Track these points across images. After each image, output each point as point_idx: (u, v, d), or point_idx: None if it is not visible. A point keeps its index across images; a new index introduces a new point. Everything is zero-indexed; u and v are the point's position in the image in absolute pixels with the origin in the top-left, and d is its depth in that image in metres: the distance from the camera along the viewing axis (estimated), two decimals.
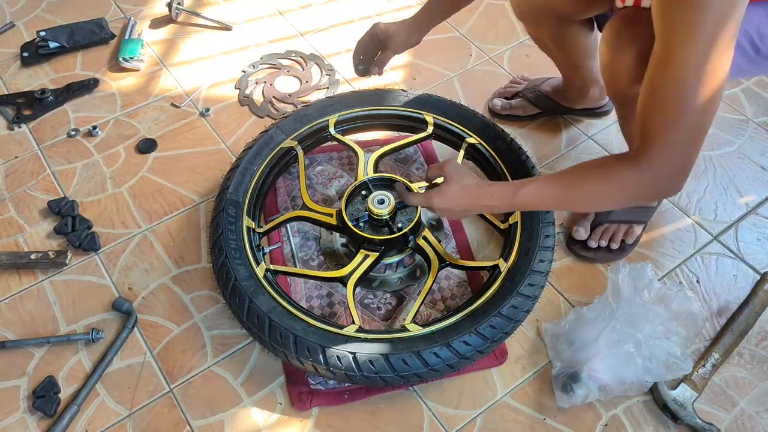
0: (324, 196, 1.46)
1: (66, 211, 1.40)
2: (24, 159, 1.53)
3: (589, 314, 1.18)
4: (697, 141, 0.97)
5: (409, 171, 1.50)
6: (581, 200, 1.07)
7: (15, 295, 1.30)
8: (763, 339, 1.25)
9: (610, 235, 1.35)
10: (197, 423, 1.15)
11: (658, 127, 0.97)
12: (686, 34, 0.92)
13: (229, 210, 1.23)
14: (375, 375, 1.05)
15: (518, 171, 1.30)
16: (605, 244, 1.35)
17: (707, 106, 0.94)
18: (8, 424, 1.14)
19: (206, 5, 1.92)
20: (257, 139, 1.36)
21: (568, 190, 1.06)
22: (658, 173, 0.99)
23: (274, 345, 1.08)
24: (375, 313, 1.27)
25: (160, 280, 1.33)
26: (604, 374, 1.12)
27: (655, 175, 0.99)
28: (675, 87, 0.94)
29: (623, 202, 1.13)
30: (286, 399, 1.17)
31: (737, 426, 1.15)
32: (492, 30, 1.82)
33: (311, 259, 1.35)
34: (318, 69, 1.74)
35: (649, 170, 0.98)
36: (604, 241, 1.35)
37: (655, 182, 1.00)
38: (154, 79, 1.72)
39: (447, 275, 1.33)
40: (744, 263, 1.36)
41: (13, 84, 1.69)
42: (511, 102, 1.60)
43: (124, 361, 1.22)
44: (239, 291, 1.13)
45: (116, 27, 1.84)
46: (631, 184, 1.01)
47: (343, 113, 1.41)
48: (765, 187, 1.49)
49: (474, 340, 1.08)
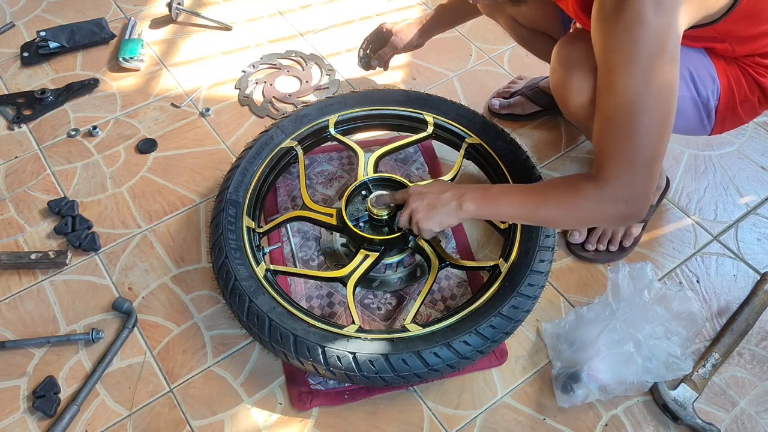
0: (324, 196, 1.46)
1: (66, 211, 1.40)
2: (24, 159, 1.53)
3: (589, 314, 1.18)
4: (652, 163, 0.97)
5: (409, 171, 1.50)
6: (546, 212, 1.06)
7: (15, 295, 1.30)
8: (763, 339, 1.25)
9: (608, 238, 1.35)
10: (197, 423, 1.15)
11: (612, 152, 0.97)
12: (624, 59, 0.93)
13: (229, 210, 1.23)
14: (375, 375, 1.05)
15: (518, 170, 1.30)
16: (603, 247, 1.35)
17: (657, 128, 0.94)
18: (8, 424, 1.14)
19: (206, 5, 1.92)
20: (257, 139, 1.36)
21: (536, 198, 1.06)
22: (616, 196, 0.99)
23: (274, 345, 1.08)
24: (375, 313, 1.27)
25: (160, 280, 1.33)
26: (604, 374, 1.12)
27: (614, 197, 0.99)
28: (621, 111, 0.95)
29: (586, 221, 1.14)
30: (286, 399, 1.17)
31: (737, 426, 1.15)
32: (492, 30, 1.82)
33: (311, 259, 1.35)
34: (318, 69, 1.74)
35: (608, 192, 0.98)
36: (602, 244, 1.35)
37: (614, 204, 1.00)
38: (154, 79, 1.72)
39: (447, 275, 1.33)
40: (744, 263, 1.36)
41: (13, 84, 1.69)
42: (510, 101, 1.60)
43: (124, 361, 1.22)
44: (239, 291, 1.13)
45: (116, 27, 1.84)
46: (593, 203, 1.00)
47: (343, 113, 1.41)
48: (765, 187, 1.49)
49: (474, 340, 1.08)
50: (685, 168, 1.52)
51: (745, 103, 1.15)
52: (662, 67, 0.92)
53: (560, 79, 1.14)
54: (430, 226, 1.11)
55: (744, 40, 1.08)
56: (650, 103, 0.93)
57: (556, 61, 1.14)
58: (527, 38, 1.47)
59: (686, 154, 1.55)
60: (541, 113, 1.60)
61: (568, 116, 1.20)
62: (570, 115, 1.19)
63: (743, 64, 1.13)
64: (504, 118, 1.60)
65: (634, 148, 0.95)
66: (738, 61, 1.13)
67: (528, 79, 1.64)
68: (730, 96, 1.14)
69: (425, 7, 1.91)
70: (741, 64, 1.13)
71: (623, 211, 1.00)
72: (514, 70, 1.73)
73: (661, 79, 0.93)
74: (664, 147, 0.97)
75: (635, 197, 0.99)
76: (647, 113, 0.93)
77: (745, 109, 1.17)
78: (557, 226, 1.17)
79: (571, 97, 1.13)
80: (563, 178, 1.07)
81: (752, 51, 1.11)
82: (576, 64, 1.09)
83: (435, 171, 1.50)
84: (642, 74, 0.92)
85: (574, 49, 1.09)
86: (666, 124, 0.95)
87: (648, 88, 0.92)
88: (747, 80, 1.13)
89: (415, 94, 1.44)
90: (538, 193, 1.07)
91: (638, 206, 1.00)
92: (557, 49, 1.15)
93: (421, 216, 1.11)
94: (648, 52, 0.91)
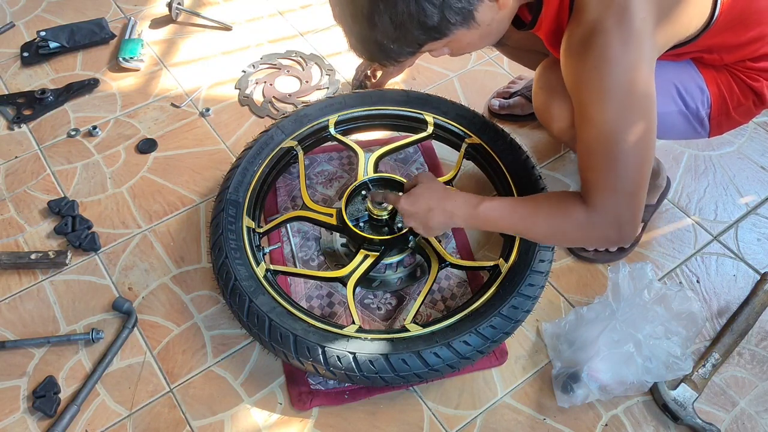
0: (324, 196, 1.46)
1: (66, 211, 1.40)
2: (24, 159, 1.53)
3: (589, 314, 1.18)
4: (636, 191, 0.98)
5: (409, 171, 1.50)
6: (536, 228, 1.07)
7: (15, 295, 1.30)
8: (763, 339, 1.25)
9: None
10: (197, 423, 1.15)
11: (595, 181, 0.98)
12: (597, 95, 0.93)
13: (229, 210, 1.23)
14: (375, 375, 1.05)
15: (518, 171, 1.30)
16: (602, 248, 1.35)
17: (637, 157, 0.95)
18: (8, 424, 1.14)
19: (206, 5, 1.92)
20: (257, 139, 1.36)
21: (527, 213, 1.06)
22: (605, 222, 1.00)
23: (274, 345, 1.08)
24: (375, 313, 1.27)
25: (160, 280, 1.33)
26: (604, 374, 1.12)
27: (602, 223, 1.00)
28: (600, 144, 0.95)
29: (575, 240, 1.15)
30: (286, 399, 1.17)
31: (737, 426, 1.15)
32: None
33: (311, 259, 1.35)
34: (318, 69, 1.74)
35: (596, 218, 1.00)
36: None
37: (603, 230, 1.01)
38: (154, 79, 1.72)
39: (447, 275, 1.33)
40: (744, 263, 1.36)
41: (13, 84, 1.69)
42: (509, 101, 1.60)
43: (124, 361, 1.22)
44: (239, 291, 1.13)
45: (116, 27, 1.84)
46: (582, 227, 1.02)
47: (343, 113, 1.41)
48: (765, 187, 1.49)
49: (474, 340, 1.08)
50: (685, 168, 1.52)
51: (740, 107, 1.15)
52: (636, 99, 0.92)
53: (542, 104, 1.15)
54: (430, 236, 1.18)
55: (731, 48, 1.08)
56: (627, 135, 0.93)
57: (538, 86, 1.15)
58: (515, 54, 1.48)
59: (686, 154, 1.55)
60: None
61: (553, 138, 1.21)
62: (554, 137, 1.21)
63: (734, 70, 1.12)
64: (504, 119, 1.60)
65: (616, 178, 0.96)
66: (728, 68, 1.13)
67: (528, 80, 1.64)
68: (722, 103, 1.14)
69: None
70: (732, 70, 1.13)
71: (611, 236, 1.02)
72: (513, 70, 1.73)
73: (637, 110, 0.93)
74: (646, 174, 0.98)
75: (623, 224, 1.00)
76: (625, 144, 0.94)
77: (741, 113, 1.17)
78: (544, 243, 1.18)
79: (553, 122, 1.15)
80: (555, 198, 1.07)
81: (742, 57, 1.10)
82: (557, 90, 1.09)
83: (435, 171, 1.50)
84: (616, 108, 0.92)
85: (554, 75, 1.09)
86: (646, 152, 0.96)
87: (624, 121, 0.93)
88: (739, 86, 1.13)
89: (415, 94, 1.44)
90: (528, 214, 1.07)
91: (626, 232, 1.01)
92: (539, 73, 1.15)
93: (421, 232, 1.15)
94: (619, 87, 0.91)
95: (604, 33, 0.90)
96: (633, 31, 0.90)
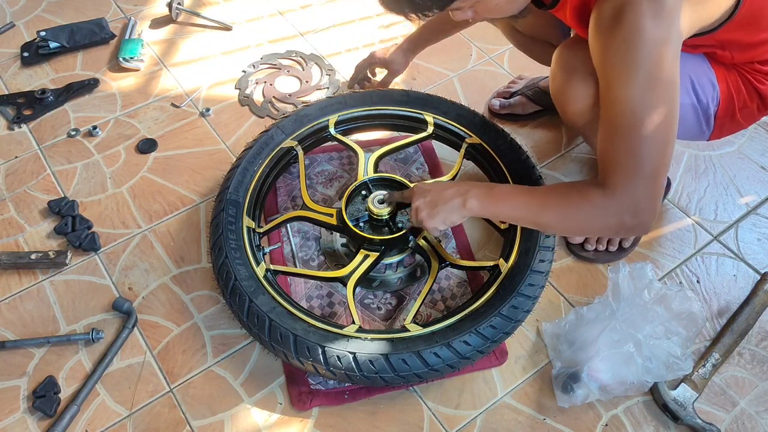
0: (324, 196, 1.46)
1: (66, 211, 1.40)
2: (24, 159, 1.53)
3: (589, 314, 1.18)
4: (656, 176, 0.96)
5: (409, 171, 1.50)
6: (549, 217, 1.04)
7: (15, 295, 1.30)
8: (763, 339, 1.25)
9: (607, 239, 1.35)
10: (197, 423, 1.15)
11: (615, 162, 0.96)
12: (625, 71, 0.92)
13: (229, 210, 1.23)
14: (375, 375, 1.05)
15: (519, 170, 1.30)
16: (603, 248, 1.35)
17: (660, 139, 0.93)
18: (8, 424, 1.14)
19: (206, 5, 1.92)
20: (257, 139, 1.36)
21: (540, 202, 1.04)
22: (622, 207, 0.97)
23: (274, 345, 1.08)
24: (375, 313, 1.27)
25: (160, 280, 1.33)
26: (604, 374, 1.12)
27: (619, 208, 0.97)
28: (623, 123, 0.94)
29: (588, 230, 1.12)
30: (286, 399, 1.17)
31: (737, 426, 1.15)
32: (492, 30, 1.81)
33: (311, 259, 1.35)
34: (318, 69, 1.74)
35: (614, 202, 0.97)
36: (602, 245, 1.35)
37: (620, 215, 0.98)
38: (154, 79, 1.72)
39: (447, 275, 1.33)
40: (744, 263, 1.36)
41: (13, 84, 1.69)
42: (510, 101, 1.60)
43: (124, 361, 1.22)
44: (239, 291, 1.13)
45: (116, 27, 1.84)
46: (599, 212, 0.99)
47: (343, 113, 1.41)
48: (765, 187, 1.49)
49: (474, 340, 1.08)
50: (685, 168, 1.52)
51: (744, 109, 1.15)
52: (662, 78, 0.91)
53: (560, 85, 1.13)
54: (434, 224, 1.10)
55: (743, 47, 1.08)
56: (652, 114, 0.92)
57: (556, 67, 1.13)
58: (526, 45, 1.48)
59: (686, 154, 1.55)
60: (541, 113, 1.60)
61: (567, 122, 1.20)
62: (569, 122, 1.19)
63: (743, 71, 1.13)
64: (504, 118, 1.60)
65: (638, 158, 0.94)
66: (737, 68, 1.13)
67: (528, 79, 1.64)
68: (730, 102, 1.14)
69: None
70: (740, 70, 1.13)
71: (628, 223, 0.98)
72: (514, 70, 1.73)
73: (662, 91, 0.92)
74: (668, 158, 0.96)
75: (641, 210, 0.97)
76: (648, 124, 0.92)
77: (744, 116, 1.17)
78: (558, 232, 1.15)
79: (570, 104, 1.13)
80: (569, 184, 1.05)
81: (752, 58, 1.10)
82: (576, 70, 1.08)
83: (435, 171, 1.50)
84: (642, 86, 0.91)
85: (573, 55, 1.09)
86: (668, 135, 0.94)
87: (649, 100, 0.92)
88: (746, 87, 1.13)
89: (415, 94, 1.44)
90: (543, 196, 1.05)
91: (643, 219, 0.98)
92: (557, 54, 1.14)
93: (425, 215, 1.10)
94: (647, 64, 0.90)
95: (635, 6, 0.89)
96: (665, 7, 0.89)
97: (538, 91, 1.58)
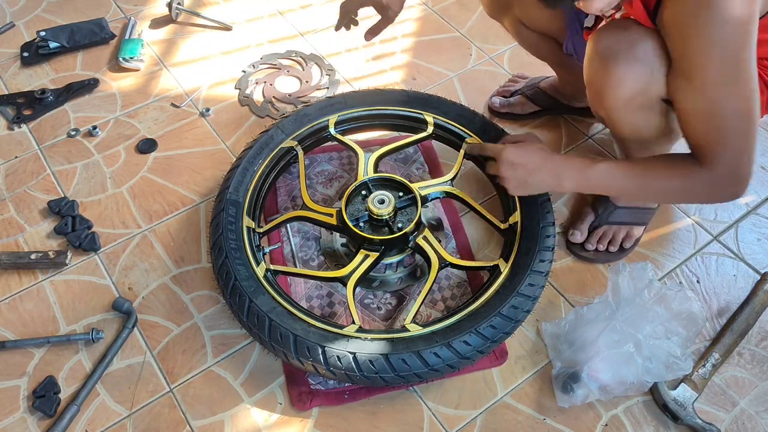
0: (324, 196, 1.46)
1: (66, 211, 1.41)
2: (24, 159, 1.53)
3: (589, 314, 1.18)
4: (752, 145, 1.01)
5: (409, 171, 1.50)
6: (655, 189, 1.10)
7: (15, 295, 1.30)
8: (763, 339, 1.25)
9: (608, 239, 1.35)
10: (197, 423, 1.15)
11: (709, 140, 1.00)
12: (711, 50, 0.93)
13: (229, 210, 1.23)
14: (375, 375, 1.05)
15: None
16: (603, 248, 1.35)
17: (752, 111, 0.97)
18: (8, 424, 1.14)
19: (206, 5, 1.92)
20: (257, 139, 1.36)
21: (642, 175, 1.09)
22: (726, 178, 1.03)
23: (274, 345, 1.08)
24: (375, 313, 1.27)
25: (160, 280, 1.33)
26: (604, 374, 1.12)
27: (724, 179, 1.03)
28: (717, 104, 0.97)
29: (699, 198, 1.20)
30: (286, 399, 1.17)
31: (737, 426, 1.15)
32: (492, 30, 1.82)
33: (311, 259, 1.35)
34: (318, 69, 1.74)
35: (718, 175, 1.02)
36: (602, 245, 1.34)
37: (727, 186, 1.04)
38: (154, 79, 1.72)
39: (447, 275, 1.33)
40: (744, 263, 1.36)
41: (13, 84, 1.69)
42: (510, 100, 1.60)
43: (124, 361, 1.22)
44: (239, 291, 1.13)
45: (116, 27, 1.84)
46: (706, 182, 1.04)
47: (343, 113, 1.41)
48: (765, 187, 1.49)
49: (474, 340, 1.08)
50: None
51: None
52: (747, 56, 0.93)
53: (598, 70, 1.10)
54: (520, 194, 1.18)
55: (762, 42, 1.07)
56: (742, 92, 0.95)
57: (594, 52, 1.09)
58: (531, 42, 1.47)
59: None
60: (541, 113, 1.60)
61: (599, 109, 1.17)
62: (604, 108, 1.14)
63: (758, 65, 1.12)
64: (504, 118, 1.60)
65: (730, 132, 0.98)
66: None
67: (528, 79, 1.64)
68: None
69: (425, 7, 1.91)
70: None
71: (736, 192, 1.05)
72: (514, 70, 1.73)
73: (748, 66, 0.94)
74: (756, 122, 1.00)
75: (741, 178, 1.02)
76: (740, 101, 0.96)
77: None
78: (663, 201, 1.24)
79: (609, 88, 1.09)
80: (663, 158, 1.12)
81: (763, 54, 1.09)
82: (617, 54, 1.05)
83: (435, 171, 1.50)
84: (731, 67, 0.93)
85: (615, 40, 1.06)
86: (757, 105, 0.98)
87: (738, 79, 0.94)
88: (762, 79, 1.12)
89: (415, 94, 1.44)
90: (642, 177, 1.09)
91: (744, 186, 1.04)
92: (595, 39, 1.09)
93: (513, 186, 1.15)
94: (735, 43, 0.92)
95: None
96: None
97: (538, 91, 1.58)
